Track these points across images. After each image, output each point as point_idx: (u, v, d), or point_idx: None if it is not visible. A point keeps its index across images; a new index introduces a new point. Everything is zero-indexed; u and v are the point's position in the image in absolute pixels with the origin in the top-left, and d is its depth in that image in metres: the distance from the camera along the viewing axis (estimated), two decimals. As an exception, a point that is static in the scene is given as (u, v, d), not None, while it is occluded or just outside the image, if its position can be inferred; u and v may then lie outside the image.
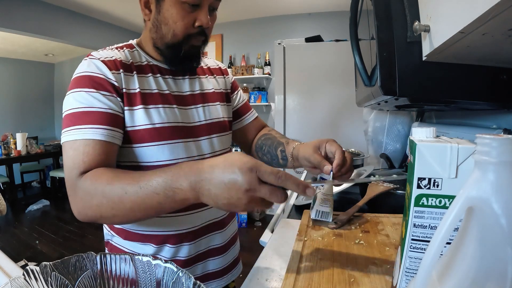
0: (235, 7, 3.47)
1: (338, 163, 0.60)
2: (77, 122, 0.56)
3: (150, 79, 0.66)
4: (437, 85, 0.65)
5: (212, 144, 0.72)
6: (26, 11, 2.92)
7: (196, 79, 0.75)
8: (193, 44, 0.66)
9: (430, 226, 0.38)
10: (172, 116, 0.66)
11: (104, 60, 0.61)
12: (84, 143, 0.55)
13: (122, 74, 0.62)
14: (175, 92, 0.69)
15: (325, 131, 2.67)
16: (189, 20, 0.63)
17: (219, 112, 0.76)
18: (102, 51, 0.64)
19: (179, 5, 0.61)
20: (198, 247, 0.71)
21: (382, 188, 0.88)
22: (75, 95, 0.58)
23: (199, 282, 0.36)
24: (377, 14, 0.67)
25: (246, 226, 3.34)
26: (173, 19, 0.62)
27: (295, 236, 0.72)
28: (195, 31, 0.65)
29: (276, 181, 0.43)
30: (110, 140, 0.57)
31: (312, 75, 2.70)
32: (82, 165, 0.54)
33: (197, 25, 0.64)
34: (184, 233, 0.68)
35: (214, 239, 0.74)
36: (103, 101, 0.58)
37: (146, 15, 0.67)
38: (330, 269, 0.56)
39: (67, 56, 5.15)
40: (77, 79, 0.59)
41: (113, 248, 0.70)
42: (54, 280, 0.38)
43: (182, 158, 0.66)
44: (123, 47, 0.68)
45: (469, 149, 0.35)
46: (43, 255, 2.70)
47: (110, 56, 0.62)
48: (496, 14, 0.35)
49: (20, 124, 4.82)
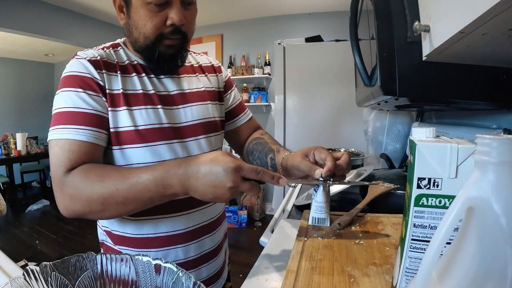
0: (235, 7, 3.47)
1: (329, 167, 0.60)
2: (64, 122, 0.57)
3: (135, 79, 0.65)
4: (437, 85, 0.65)
5: (200, 145, 0.70)
6: (26, 11, 2.92)
7: (185, 77, 0.73)
8: (168, 44, 0.63)
9: (430, 226, 0.38)
10: (156, 118, 0.64)
11: (90, 60, 0.61)
12: (70, 142, 0.56)
13: (105, 74, 0.61)
14: (161, 92, 0.67)
15: (325, 131, 2.68)
16: (158, 20, 0.60)
17: (209, 112, 0.74)
18: (88, 51, 0.63)
19: (145, 6, 0.59)
20: (187, 253, 0.69)
21: (383, 188, 0.88)
22: (64, 94, 0.59)
23: (199, 282, 0.36)
24: (377, 14, 0.67)
25: (246, 226, 3.34)
26: (141, 21, 0.60)
27: (295, 236, 0.72)
28: (167, 30, 0.62)
29: (256, 176, 0.50)
30: (95, 142, 0.58)
31: (312, 75, 2.70)
32: (68, 162, 0.55)
33: (168, 23, 0.61)
34: (173, 235, 0.67)
35: (204, 244, 0.72)
36: (88, 102, 0.58)
37: (121, 19, 0.66)
38: (330, 269, 0.56)
39: (67, 56, 5.14)
40: (65, 78, 0.60)
41: (108, 248, 0.70)
42: (54, 280, 0.38)
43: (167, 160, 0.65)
44: (110, 46, 0.68)
45: (469, 149, 0.35)
46: (43, 255, 2.70)
47: (95, 56, 0.62)
48: (496, 14, 0.35)
49: (20, 124, 4.82)
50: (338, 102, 2.63)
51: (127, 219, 0.65)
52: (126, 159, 0.63)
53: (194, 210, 0.69)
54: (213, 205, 0.74)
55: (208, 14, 3.59)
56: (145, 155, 0.63)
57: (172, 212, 0.66)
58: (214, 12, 3.52)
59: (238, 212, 3.34)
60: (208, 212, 0.72)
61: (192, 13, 0.65)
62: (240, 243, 3.04)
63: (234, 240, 3.07)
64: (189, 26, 0.65)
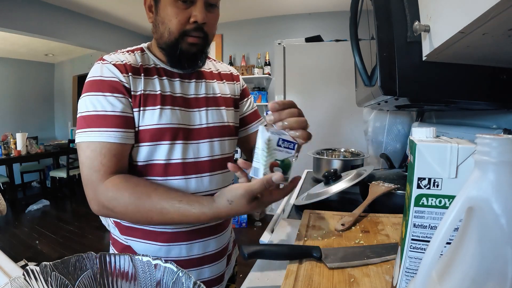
0: (235, 7, 3.47)
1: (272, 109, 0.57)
2: (93, 125, 0.60)
3: (155, 81, 0.68)
4: (437, 85, 0.65)
5: (212, 148, 0.72)
6: (26, 11, 2.92)
7: (203, 82, 0.76)
8: (190, 41, 0.66)
9: (430, 226, 0.38)
10: (172, 118, 0.67)
11: (115, 64, 0.64)
12: (101, 145, 0.60)
13: (131, 77, 0.65)
14: (178, 94, 0.70)
15: (325, 131, 2.67)
16: (183, 17, 0.64)
17: (223, 117, 0.76)
18: (113, 55, 0.67)
19: (173, 3, 0.63)
20: (190, 251, 0.71)
21: (384, 188, 0.88)
22: (92, 98, 0.62)
23: (199, 282, 0.36)
24: (377, 14, 0.67)
25: (246, 226, 3.34)
26: (168, 17, 0.64)
27: (295, 236, 0.71)
28: (190, 28, 0.65)
29: (267, 186, 0.52)
30: (124, 142, 0.62)
31: (312, 75, 2.70)
32: (102, 168, 0.60)
33: (191, 21, 0.64)
34: (176, 232, 0.69)
35: (209, 245, 0.73)
36: (115, 105, 0.62)
37: (150, 18, 0.70)
38: (330, 269, 0.56)
39: (67, 56, 5.15)
40: (91, 82, 0.63)
41: (115, 241, 0.74)
42: (54, 280, 0.38)
43: (177, 159, 0.67)
44: (134, 50, 0.71)
45: (469, 149, 0.35)
46: (43, 255, 2.70)
47: (121, 60, 0.66)
48: (496, 14, 0.35)
49: (20, 124, 4.82)
50: (338, 102, 2.64)
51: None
52: (138, 157, 0.66)
53: None
54: None
55: (208, 14, 3.58)
56: (157, 153, 0.66)
57: None
58: (214, 12, 3.51)
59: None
60: None
61: (214, 16, 0.69)
62: (240, 243, 3.02)
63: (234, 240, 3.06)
64: (211, 28, 0.68)
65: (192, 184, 0.69)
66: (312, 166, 1.43)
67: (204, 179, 0.70)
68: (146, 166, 0.66)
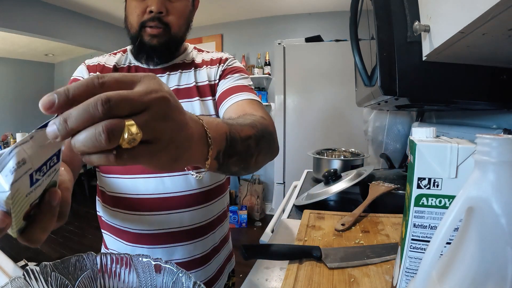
0: (235, 7, 3.47)
1: None
2: None
3: None
4: (437, 85, 0.65)
5: None
6: (26, 11, 2.92)
7: (177, 74, 0.71)
8: (150, 33, 0.65)
9: (430, 226, 0.37)
10: None
11: (88, 65, 0.68)
12: None
13: None
14: None
15: (325, 131, 2.68)
16: (141, 9, 0.65)
17: (194, 110, 0.69)
18: (96, 57, 0.70)
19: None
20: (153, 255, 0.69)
21: (384, 188, 0.88)
22: None
23: (199, 282, 0.36)
24: (377, 14, 0.67)
25: (246, 226, 3.34)
26: (130, 11, 0.66)
27: (295, 236, 0.71)
28: (147, 18, 0.64)
29: None
30: None
31: (312, 75, 2.70)
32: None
33: (147, 10, 0.64)
34: (156, 234, 0.68)
35: (174, 253, 0.70)
36: None
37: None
38: (330, 269, 0.56)
39: (67, 56, 5.14)
40: (69, 81, 0.65)
41: (102, 224, 0.75)
42: (54, 280, 0.38)
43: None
44: (119, 52, 0.73)
45: (469, 149, 0.35)
46: (43, 255, 2.70)
47: (97, 61, 0.68)
48: (496, 14, 0.35)
49: (20, 124, 4.82)
50: (338, 102, 2.63)
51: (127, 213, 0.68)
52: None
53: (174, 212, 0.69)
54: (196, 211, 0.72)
55: (208, 14, 3.58)
56: None
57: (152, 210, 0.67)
58: (214, 12, 3.52)
59: (238, 212, 3.34)
60: (189, 218, 0.71)
61: (177, 6, 0.66)
62: (240, 243, 3.03)
63: (234, 240, 3.05)
64: (174, 19, 0.66)
65: (147, 184, 0.67)
66: (312, 166, 1.43)
67: (165, 179, 0.67)
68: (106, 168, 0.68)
